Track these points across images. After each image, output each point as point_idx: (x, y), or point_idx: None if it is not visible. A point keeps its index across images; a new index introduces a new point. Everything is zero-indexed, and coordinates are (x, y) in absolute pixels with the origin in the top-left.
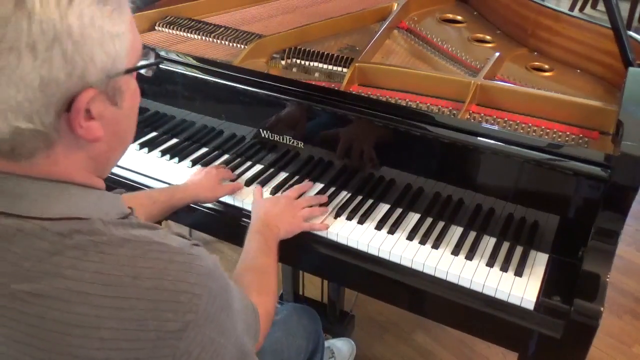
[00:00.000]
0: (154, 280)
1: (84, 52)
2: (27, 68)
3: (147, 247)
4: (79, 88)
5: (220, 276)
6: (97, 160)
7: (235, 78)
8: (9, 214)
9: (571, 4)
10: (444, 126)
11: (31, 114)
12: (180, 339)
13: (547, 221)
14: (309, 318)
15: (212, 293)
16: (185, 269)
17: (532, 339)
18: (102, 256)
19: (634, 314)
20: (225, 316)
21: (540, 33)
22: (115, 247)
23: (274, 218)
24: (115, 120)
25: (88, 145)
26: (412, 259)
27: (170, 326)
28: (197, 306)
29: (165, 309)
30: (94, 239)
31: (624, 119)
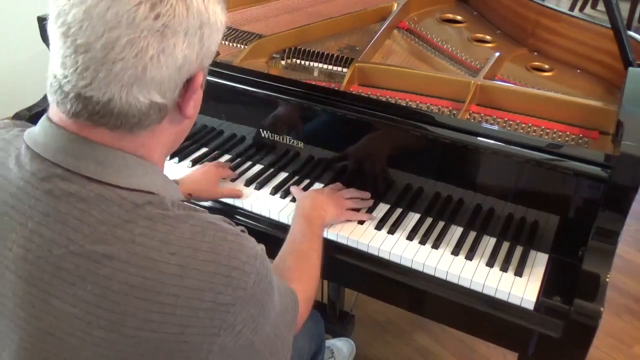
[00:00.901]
0: (211, 254)
1: (212, 38)
2: (178, 50)
3: (205, 225)
4: (197, 69)
5: (266, 260)
6: (176, 137)
7: (235, 78)
8: (92, 179)
9: (571, 4)
10: (444, 126)
11: (166, 90)
12: (228, 312)
13: (547, 221)
14: (312, 320)
15: (260, 274)
16: (237, 248)
17: (532, 339)
18: (169, 228)
19: (634, 314)
20: (268, 298)
21: (541, 33)
22: (179, 222)
23: (321, 202)
24: (199, 100)
25: (180, 122)
26: (412, 259)
27: (222, 299)
28: (247, 283)
29: (219, 282)
30: (163, 213)
31: (624, 119)
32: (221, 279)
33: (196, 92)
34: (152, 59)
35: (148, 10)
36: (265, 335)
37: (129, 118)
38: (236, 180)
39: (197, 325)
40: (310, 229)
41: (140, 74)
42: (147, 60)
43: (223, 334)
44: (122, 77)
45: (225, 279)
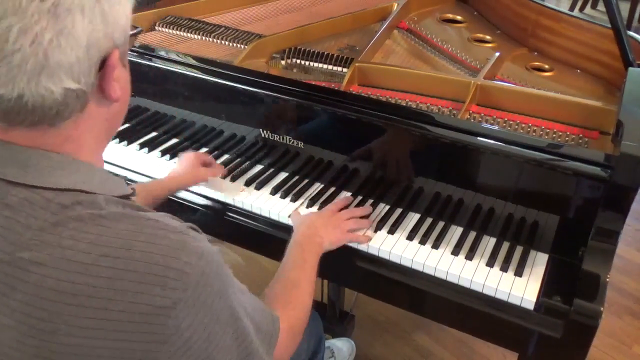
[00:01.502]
0: (146, 254)
1: (116, 12)
2: (79, 29)
3: (143, 223)
4: (110, 48)
5: (217, 264)
6: (110, 122)
7: (235, 78)
8: (16, 182)
9: (571, 4)
10: (444, 126)
11: (79, 74)
12: (169, 316)
13: (547, 221)
14: (310, 319)
15: (205, 274)
16: (178, 247)
17: (532, 339)
18: (100, 228)
19: (634, 314)
20: (222, 304)
21: (541, 33)
22: (113, 221)
23: (318, 228)
24: (125, 81)
25: (108, 106)
26: (412, 259)
27: (159, 301)
28: (187, 285)
29: (154, 283)
30: (94, 212)
31: (624, 119)
32: (157, 279)
33: (115, 71)
34: (52, 42)
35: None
36: (228, 348)
37: (45, 111)
38: (236, 180)
39: (136, 331)
40: (302, 257)
41: (43, 60)
42: (45, 45)
43: (169, 340)
44: (25, 69)
45: (162, 280)
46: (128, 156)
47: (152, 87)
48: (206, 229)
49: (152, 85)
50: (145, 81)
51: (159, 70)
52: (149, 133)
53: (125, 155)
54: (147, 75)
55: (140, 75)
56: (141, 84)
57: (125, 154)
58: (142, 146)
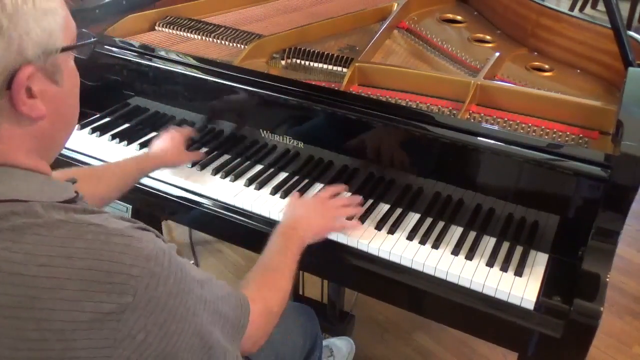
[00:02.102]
0: (87, 261)
1: (19, 26)
2: None
3: (83, 229)
4: (17, 64)
5: (168, 260)
6: (41, 140)
7: (235, 78)
8: None
9: (571, 4)
10: (444, 126)
11: None
12: (119, 321)
13: (547, 221)
14: (305, 316)
15: (155, 276)
16: (121, 250)
17: (532, 338)
18: (37, 237)
19: (634, 314)
20: (178, 302)
21: (541, 33)
22: (51, 229)
23: (301, 220)
24: (57, 98)
25: (32, 124)
26: (412, 259)
27: (105, 307)
28: (135, 288)
29: (98, 290)
30: (30, 221)
31: (624, 119)
32: (101, 286)
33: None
34: None
35: None
36: (190, 345)
37: None
38: (236, 180)
39: (83, 339)
40: (285, 244)
41: None
42: None
43: (120, 345)
44: None
45: (106, 286)
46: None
47: (152, 87)
48: (206, 229)
49: (152, 85)
50: (145, 81)
51: (159, 70)
52: (149, 133)
53: (125, 156)
54: (147, 75)
55: (140, 75)
56: (141, 84)
57: (125, 154)
58: (143, 146)
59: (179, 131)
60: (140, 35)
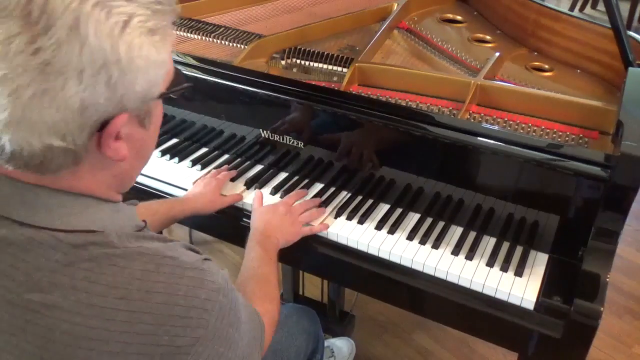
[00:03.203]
0: (166, 295)
1: (128, 79)
2: (71, 92)
3: (159, 261)
4: (115, 112)
5: (230, 291)
6: (119, 178)
7: (235, 78)
8: (23, 223)
9: (571, 4)
10: (444, 126)
11: (65, 133)
12: (188, 354)
13: (547, 221)
14: (308, 318)
15: (222, 309)
16: (196, 284)
17: (532, 339)
18: (115, 269)
19: (634, 314)
20: (233, 331)
21: (540, 33)
22: (129, 260)
23: (273, 229)
24: (141, 141)
25: (113, 165)
26: (412, 259)
27: (180, 341)
28: (207, 322)
29: (175, 324)
30: (108, 252)
31: (624, 119)
32: (178, 320)
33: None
34: (32, 99)
35: (25, 43)
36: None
37: (26, 159)
38: (236, 180)
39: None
40: (267, 255)
41: (20, 114)
42: (25, 100)
43: None
44: (1, 117)
45: (183, 320)
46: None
47: None
48: (206, 229)
49: None
50: None
51: None
52: None
53: None
54: None
55: None
56: None
57: None
58: None
59: (214, 176)
60: None
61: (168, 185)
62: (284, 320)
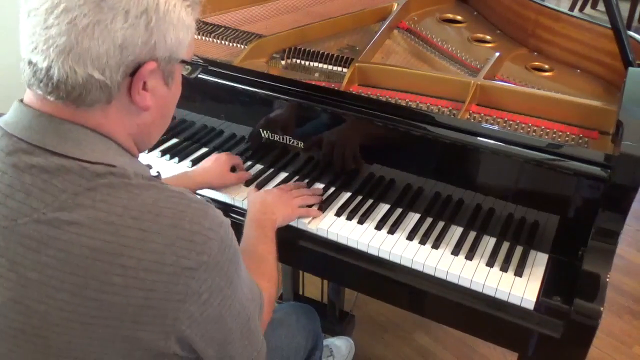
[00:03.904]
0: (173, 219)
1: (162, 28)
2: (117, 26)
3: (168, 193)
4: (147, 58)
5: (231, 232)
6: (141, 129)
7: (235, 78)
8: (54, 152)
9: (571, 4)
10: (444, 126)
11: (105, 67)
12: (192, 277)
13: (547, 221)
14: (307, 316)
15: (224, 242)
16: (201, 214)
17: (532, 339)
18: (131, 194)
19: (634, 314)
20: (233, 270)
21: (541, 33)
22: (142, 189)
23: (270, 205)
24: (162, 97)
25: (137, 112)
26: (412, 259)
27: (184, 263)
28: (211, 249)
29: (181, 246)
30: (125, 181)
31: (624, 119)
32: (183, 243)
33: (149, 81)
34: (86, 29)
35: None
36: (236, 312)
37: (68, 89)
38: None
39: (161, 290)
40: (264, 232)
41: (74, 42)
42: (80, 28)
43: (189, 300)
44: (57, 43)
45: (188, 243)
46: None
47: None
48: None
49: None
50: None
51: None
52: None
53: None
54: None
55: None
56: None
57: None
58: None
59: (226, 155)
60: None
61: None
62: (283, 318)
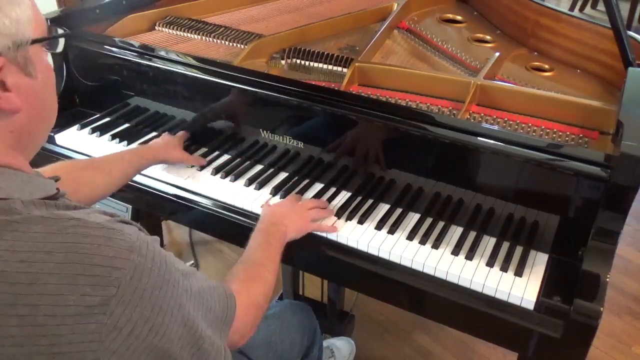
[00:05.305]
0: (68, 255)
1: None
2: None
3: (63, 224)
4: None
5: (152, 252)
6: (18, 134)
7: (235, 78)
8: None
9: (571, 4)
10: (444, 126)
11: None
12: (104, 314)
13: (547, 221)
14: (303, 313)
15: (138, 268)
16: (101, 242)
17: (532, 339)
18: (16, 234)
19: (634, 314)
20: (163, 293)
21: (540, 33)
22: (30, 225)
23: (281, 216)
24: (32, 91)
25: (7, 118)
26: (412, 259)
27: (89, 300)
28: (119, 280)
29: (81, 283)
30: (9, 218)
31: (624, 119)
32: (84, 279)
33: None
34: None
35: None
36: (177, 336)
37: None
38: (236, 181)
39: (68, 333)
40: (267, 239)
41: None
42: None
43: (107, 338)
44: None
45: (89, 279)
46: None
47: (152, 87)
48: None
49: (152, 85)
50: (145, 81)
51: (159, 70)
52: (149, 133)
53: None
54: (147, 75)
55: (140, 75)
56: (141, 84)
57: None
58: None
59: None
60: (140, 35)
61: (169, 186)
62: (279, 314)
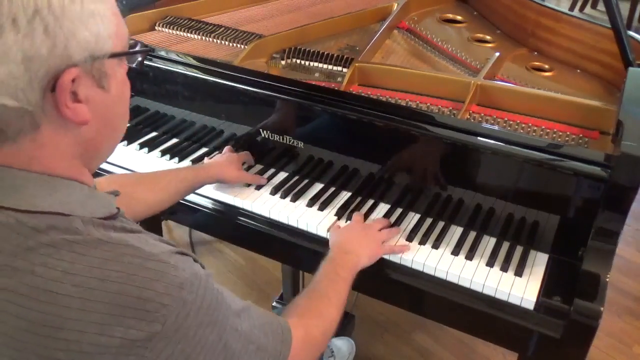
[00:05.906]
0: (121, 285)
1: (65, 26)
2: (10, 42)
3: (120, 251)
4: (62, 66)
5: (203, 288)
6: (85, 147)
7: (235, 78)
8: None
9: (571, 4)
10: (444, 126)
11: (16, 90)
12: (146, 348)
13: (547, 221)
14: None
15: (187, 305)
16: (154, 277)
17: (532, 339)
18: (74, 256)
19: (634, 314)
20: (209, 332)
21: (541, 33)
22: (89, 247)
23: (353, 244)
24: (103, 104)
25: (76, 129)
26: (412, 259)
27: (133, 334)
28: (165, 317)
29: (129, 316)
30: (68, 238)
31: (624, 119)
32: (132, 312)
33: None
34: None
35: None
36: None
37: None
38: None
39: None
40: (335, 270)
41: None
42: None
43: None
44: None
45: (137, 312)
46: (128, 156)
47: (152, 87)
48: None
49: (152, 85)
50: (145, 81)
51: (159, 70)
52: (149, 133)
53: (125, 155)
54: (147, 75)
55: (140, 75)
56: (141, 84)
57: (125, 154)
58: (142, 146)
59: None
60: (140, 35)
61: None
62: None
